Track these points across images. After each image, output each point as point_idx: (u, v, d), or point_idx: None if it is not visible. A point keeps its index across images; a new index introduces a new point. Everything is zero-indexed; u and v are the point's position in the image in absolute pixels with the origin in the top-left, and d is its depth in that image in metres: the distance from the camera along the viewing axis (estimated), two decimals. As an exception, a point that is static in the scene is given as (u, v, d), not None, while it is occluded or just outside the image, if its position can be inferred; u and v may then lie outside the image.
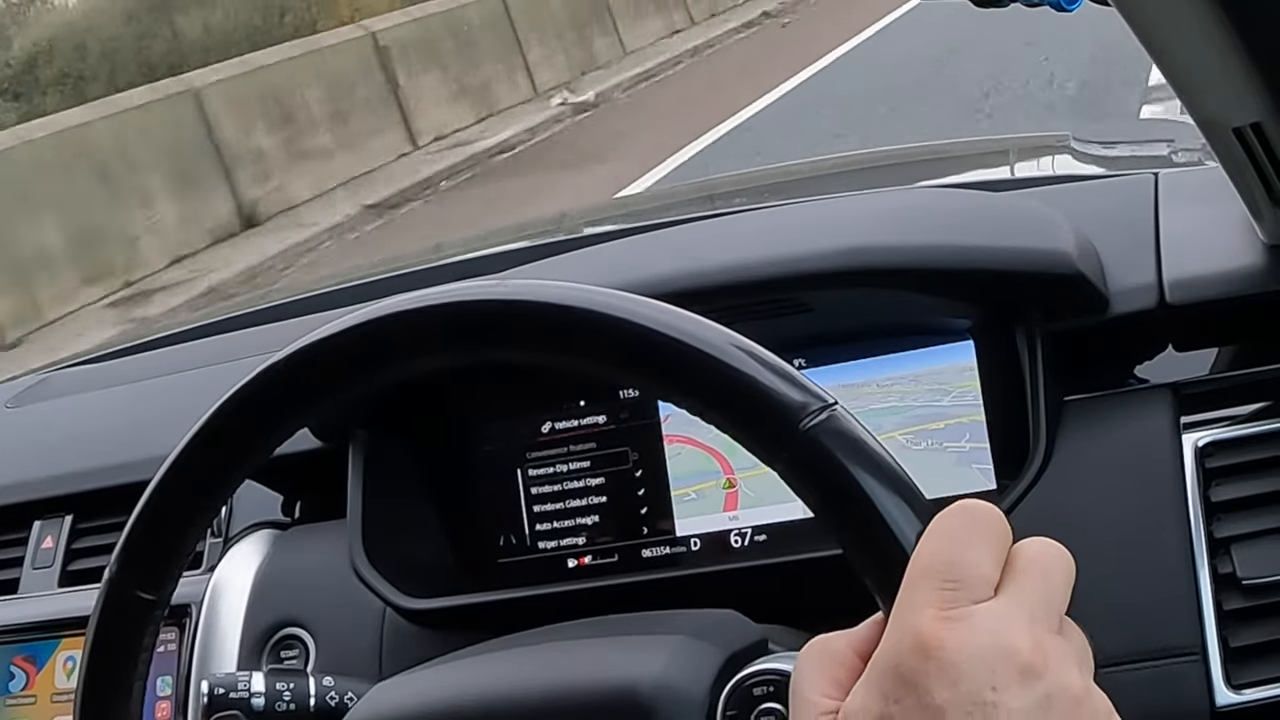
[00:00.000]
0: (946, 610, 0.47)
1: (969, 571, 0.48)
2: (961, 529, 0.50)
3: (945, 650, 0.46)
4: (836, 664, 0.51)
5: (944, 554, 0.49)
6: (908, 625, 0.47)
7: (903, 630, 0.48)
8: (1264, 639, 0.86)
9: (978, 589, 0.48)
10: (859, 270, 1.00)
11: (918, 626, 0.47)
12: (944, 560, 0.49)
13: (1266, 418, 0.93)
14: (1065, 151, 1.81)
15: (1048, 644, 0.47)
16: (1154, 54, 0.80)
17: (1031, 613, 0.48)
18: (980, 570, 0.48)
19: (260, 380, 0.61)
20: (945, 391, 1.00)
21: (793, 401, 0.53)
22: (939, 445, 1.00)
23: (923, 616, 0.47)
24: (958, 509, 0.50)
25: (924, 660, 0.46)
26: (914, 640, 0.47)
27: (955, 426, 1.00)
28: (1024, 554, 0.50)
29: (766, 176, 2.50)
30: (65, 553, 1.20)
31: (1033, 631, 0.47)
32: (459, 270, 1.54)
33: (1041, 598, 0.49)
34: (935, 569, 0.48)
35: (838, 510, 0.52)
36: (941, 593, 0.48)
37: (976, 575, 0.48)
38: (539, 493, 1.07)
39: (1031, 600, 0.48)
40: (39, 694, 1.11)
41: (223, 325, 1.58)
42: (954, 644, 0.46)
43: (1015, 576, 0.49)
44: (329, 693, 0.90)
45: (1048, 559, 0.50)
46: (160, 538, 0.64)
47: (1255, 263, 0.99)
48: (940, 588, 0.48)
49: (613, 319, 0.56)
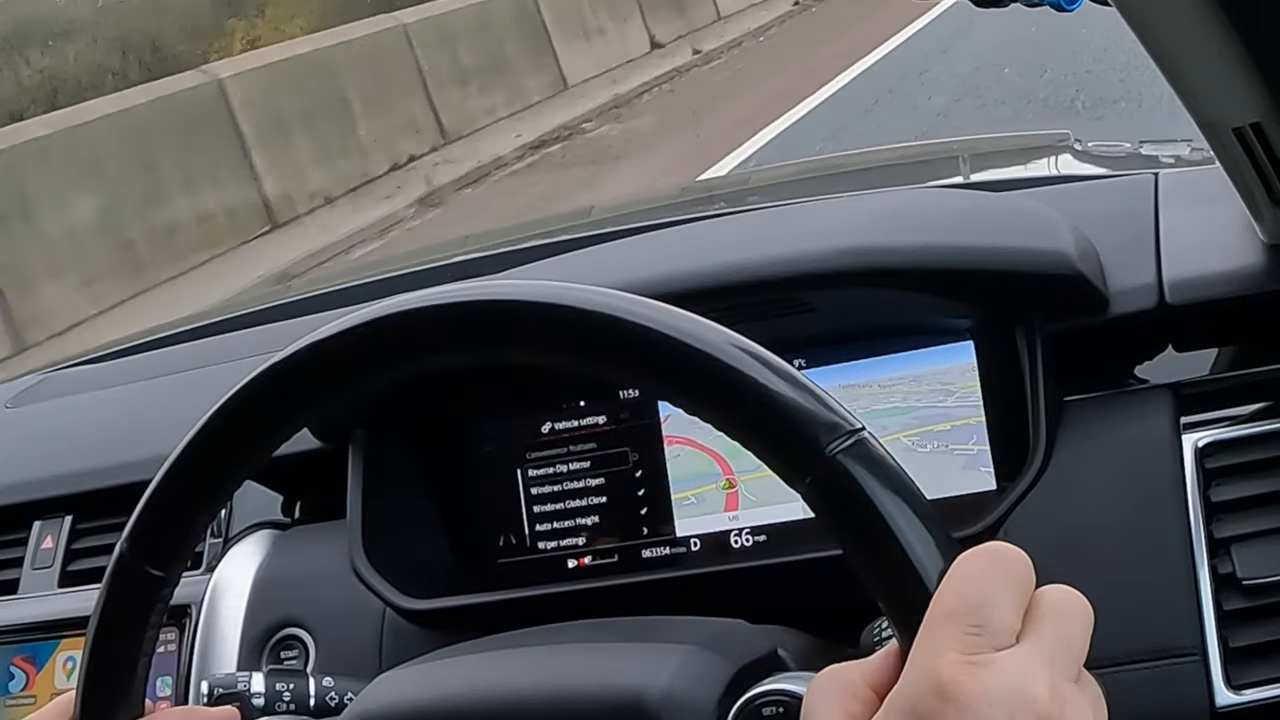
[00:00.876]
0: (969, 656, 0.48)
1: (993, 616, 0.49)
2: (987, 572, 0.50)
3: (965, 695, 0.47)
4: (849, 695, 0.51)
5: (968, 597, 0.49)
6: (928, 666, 0.48)
7: (923, 671, 0.48)
8: (1264, 639, 0.86)
9: (1000, 635, 0.48)
10: (859, 270, 1.00)
11: (938, 669, 0.47)
12: (968, 604, 0.49)
13: (1266, 418, 0.93)
14: (1065, 151, 1.81)
15: (1065, 693, 0.48)
16: (1154, 54, 0.80)
17: (1051, 661, 0.48)
18: (1003, 616, 0.49)
19: (261, 379, 0.61)
20: (945, 392, 1.00)
21: (820, 424, 0.53)
22: (938, 446, 1.00)
23: (944, 660, 0.48)
24: (984, 552, 0.51)
25: (942, 703, 0.47)
26: (934, 682, 0.47)
27: (955, 427, 1.00)
28: (1045, 601, 0.51)
29: (767, 177, 2.50)
30: (65, 553, 1.20)
31: (1051, 680, 0.48)
32: (459, 270, 1.54)
33: (1062, 646, 0.49)
34: (959, 612, 0.49)
35: (859, 540, 0.52)
36: (965, 637, 0.48)
37: (1000, 620, 0.49)
38: (539, 493, 1.07)
39: (1052, 649, 0.49)
40: (39, 694, 1.11)
41: (223, 325, 1.58)
42: (974, 689, 0.47)
43: (1037, 624, 0.50)
44: (329, 693, 0.90)
45: (1069, 607, 0.51)
46: (171, 518, 0.64)
47: (1255, 263, 0.99)
48: (964, 632, 0.48)
49: (640, 329, 0.55)
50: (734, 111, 8.54)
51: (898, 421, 1.01)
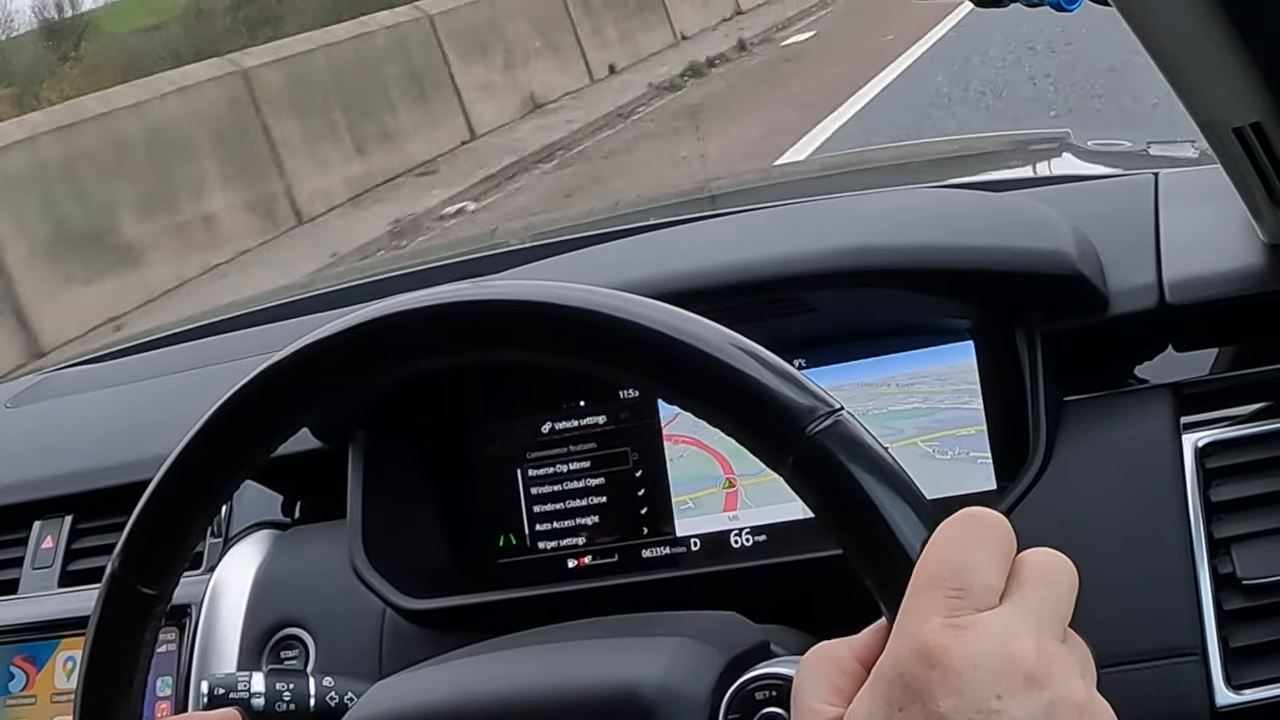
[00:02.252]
0: (951, 618, 0.47)
1: (974, 580, 0.48)
2: (967, 537, 0.50)
3: (950, 658, 0.46)
4: (838, 671, 0.51)
5: (949, 562, 0.49)
6: (912, 633, 0.47)
7: (907, 638, 0.48)
8: (1264, 639, 0.86)
9: (983, 597, 0.48)
10: (859, 270, 1.00)
11: (923, 634, 0.47)
12: (949, 568, 0.49)
13: (1267, 418, 0.93)
14: (1065, 151, 1.81)
15: (1052, 653, 0.47)
16: (1154, 54, 0.80)
17: (1036, 621, 0.48)
18: (985, 578, 0.49)
19: (262, 379, 0.61)
20: (945, 392, 1.00)
21: (799, 406, 0.53)
22: (938, 445, 1.00)
23: (928, 625, 0.47)
24: (963, 516, 0.51)
25: (929, 668, 0.46)
26: (919, 648, 0.47)
27: (955, 426, 1.00)
28: (1029, 563, 0.50)
29: (767, 177, 2.50)
30: (65, 553, 1.20)
31: (1037, 640, 0.47)
32: (459, 270, 1.54)
33: (1046, 607, 0.49)
34: (940, 577, 0.49)
35: (842, 516, 0.52)
36: (947, 601, 0.48)
37: (981, 584, 0.48)
38: (539, 493, 1.07)
39: (1036, 609, 0.48)
40: (39, 694, 1.11)
41: (223, 325, 1.58)
42: (959, 652, 0.46)
43: (1020, 585, 0.49)
44: (329, 693, 0.90)
45: (1052, 569, 0.50)
46: (162, 534, 0.64)
47: (1255, 263, 0.99)
48: (946, 596, 0.48)
49: (617, 320, 0.56)
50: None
51: (895, 421, 1.01)
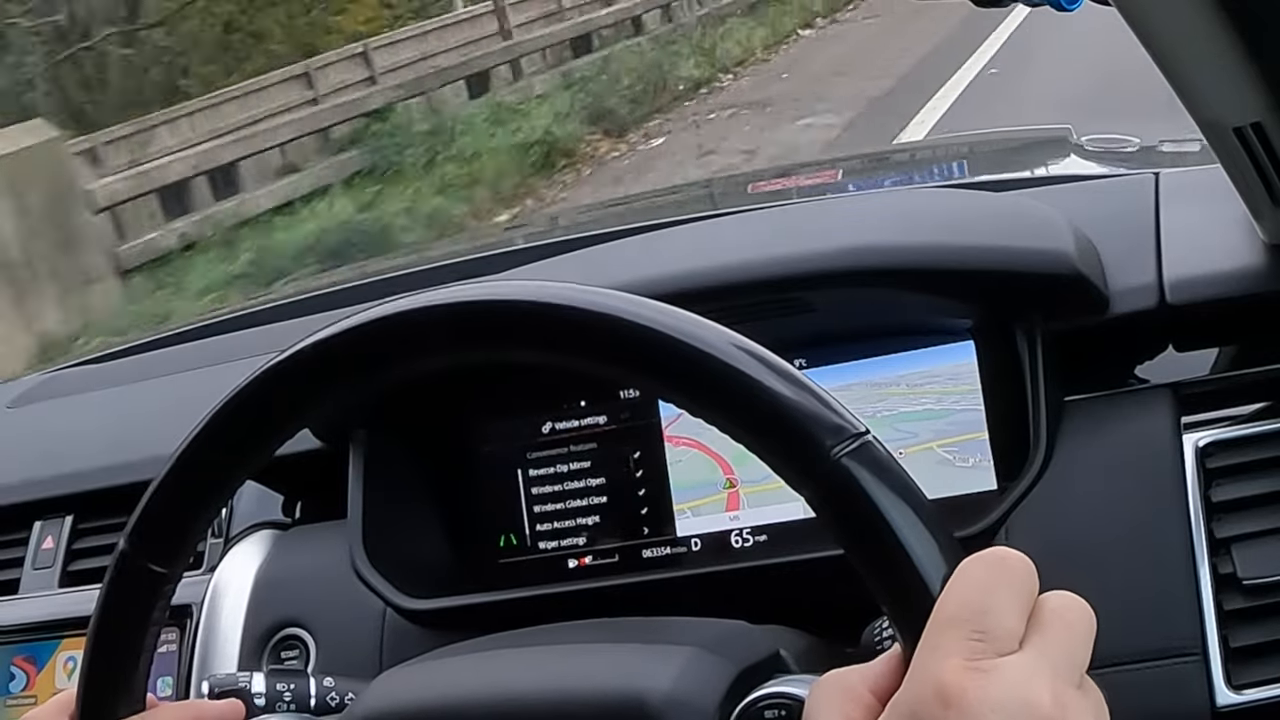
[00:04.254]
0: (972, 662, 0.47)
1: (996, 623, 0.48)
2: (990, 578, 0.50)
3: (968, 701, 0.46)
4: (851, 701, 0.51)
5: (972, 603, 0.49)
6: (931, 672, 0.48)
7: (926, 676, 0.48)
8: (1264, 639, 0.86)
9: (1004, 642, 0.48)
10: (860, 270, 1.00)
11: (941, 675, 0.47)
12: (972, 610, 0.49)
13: (1267, 418, 0.93)
14: (1065, 150, 1.81)
15: (1068, 700, 0.47)
16: (1154, 54, 0.80)
17: (1054, 668, 0.48)
18: (1007, 622, 0.49)
19: (262, 379, 0.61)
20: (945, 392, 1.00)
21: (826, 428, 0.53)
22: (939, 445, 1.00)
23: (947, 665, 0.47)
24: (988, 557, 0.51)
25: (944, 709, 0.47)
26: (936, 688, 0.47)
27: (955, 427, 1.00)
28: (1049, 607, 0.50)
29: (769, 177, 2.49)
30: (65, 553, 1.20)
31: (1054, 687, 0.47)
32: (459, 270, 1.53)
33: (1065, 653, 0.49)
34: (963, 618, 0.49)
35: (863, 544, 0.52)
36: (968, 643, 0.48)
37: (1003, 628, 0.49)
38: (539, 493, 1.07)
39: (1055, 655, 0.49)
40: (39, 694, 1.11)
41: (223, 325, 1.58)
42: (976, 695, 0.46)
43: (1040, 630, 0.49)
44: (329, 693, 0.90)
45: (1072, 614, 0.51)
46: (174, 514, 0.64)
47: (1255, 263, 0.99)
48: (967, 638, 0.48)
49: (645, 330, 0.55)
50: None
51: (894, 421, 1.00)
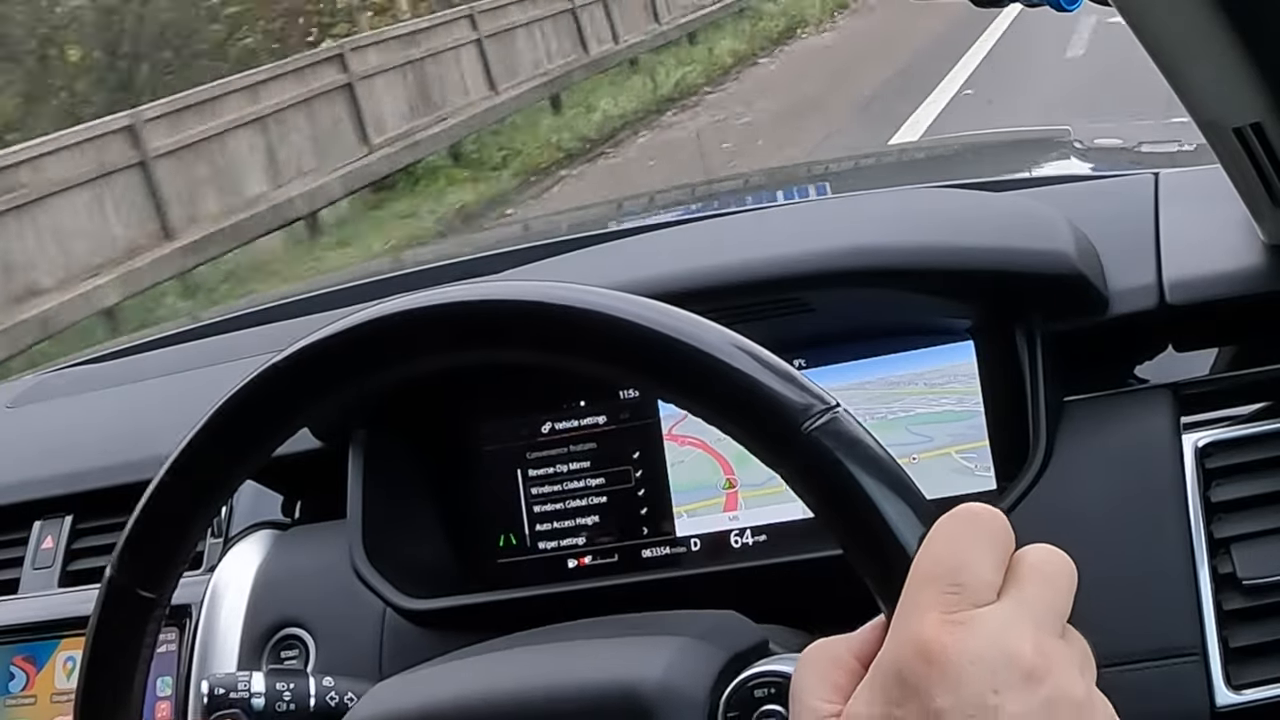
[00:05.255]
0: (949, 614, 0.47)
1: (971, 576, 0.48)
2: (964, 533, 0.50)
3: (948, 654, 0.46)
4: (837, 668, 0.51)
5: (946, 558, 0.49)
6: (910, 629, 0.47)
7: (905, 634, 0.47)
8: (1264, 639, 0.86)
9: (980, 593, 0.48)
10: (859, 270, 1.00)
11: (920, 631, 0.47)
12: (946, 565, 0.48)
13: (1266, 418, 0.93)
14: (1065, 150, 1.81)
15: (1050, 648, 0.47)
16: (1154, 54, 0.80)
17: (1034, 617, 0.48)
18: (982, 574, 0.48)
19: (261, 379, 0.61)
20: (945, 392, 1.00)
21: (795, 403, 0.53)
22: (938, 446, 1.00)
23: (925, 621, 0.47)
24: (960, 512, 0.50)
25: (926, 665, 0.46)
26: (916, 645, 0.47)
27: (955, 427, 1.00)
28: (1026, 559, 0.50)
29: (771, 176, 2.50)
30: (65, 553, 1.20)
31: (1035, 636, 0.47)
32: (459, 270, 1.54)
33: (1044, 602, 0.49)
34: (937, 573, 0.48)
35: (839, 513, 0.52)
36: (944, 597, 0.48)
37: (979, 580, 0.48)
38: (539, 493, 1.07)
39: (1034, 605, 0.48)
40: (39, 694, 1.11)
41: (223, 325, 1.58)
42: (956, 648, 0.46)
43: (1018, 581, 0.49)
44: (329, 693, 0.90)
45: (1050, 565, 0.50)
46: (161, 537, 0.64)
47: (1255, 263, 0.99)
48: (943, 592, 0.48)
49: (615, 320, 0.56)
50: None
51: (895, 420, 1.01)
